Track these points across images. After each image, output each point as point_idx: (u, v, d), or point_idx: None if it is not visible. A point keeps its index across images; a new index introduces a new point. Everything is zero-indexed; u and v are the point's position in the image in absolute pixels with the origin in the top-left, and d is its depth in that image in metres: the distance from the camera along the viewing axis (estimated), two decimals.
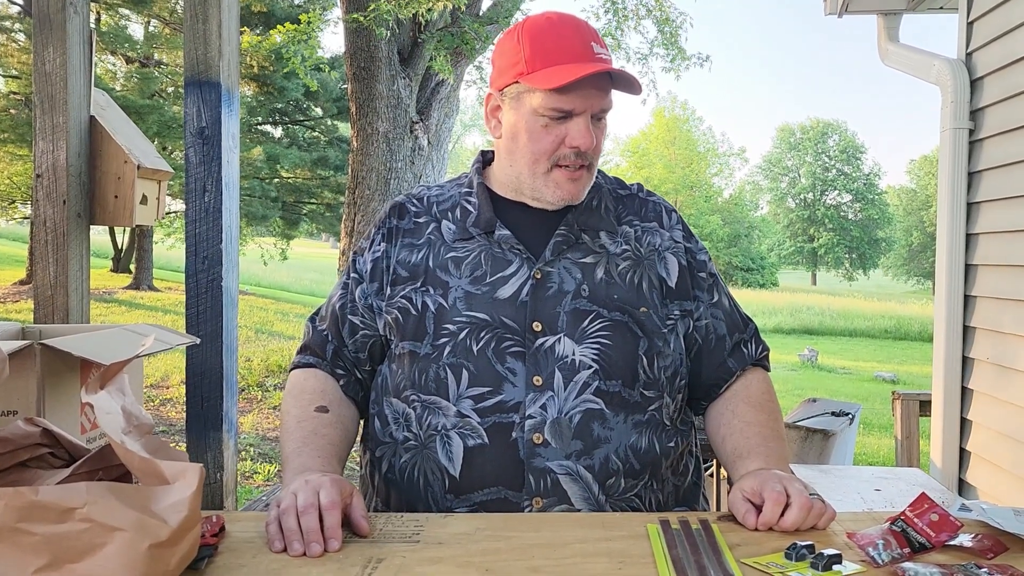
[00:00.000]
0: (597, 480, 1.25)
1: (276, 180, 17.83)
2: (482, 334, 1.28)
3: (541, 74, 1.28)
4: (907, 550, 1.01)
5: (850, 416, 4.57)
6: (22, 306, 12.04)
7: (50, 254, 2.27)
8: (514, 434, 1.24)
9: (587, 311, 1.30)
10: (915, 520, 1.04)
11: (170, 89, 16.33)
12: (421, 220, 1.42)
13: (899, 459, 3.92)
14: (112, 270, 19.87)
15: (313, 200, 18.64)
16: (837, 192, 54.77)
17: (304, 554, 1.00)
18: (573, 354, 1.28)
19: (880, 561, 0.98)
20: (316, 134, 18.55)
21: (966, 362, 3.19)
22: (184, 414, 2.47)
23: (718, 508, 3.41)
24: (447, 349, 1.29)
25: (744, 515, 1.12)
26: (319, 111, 17.93)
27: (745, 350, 1.44)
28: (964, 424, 3.18)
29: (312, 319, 1.48)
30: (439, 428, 1.27)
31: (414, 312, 1.33)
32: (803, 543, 1.00)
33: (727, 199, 51.07)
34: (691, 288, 1.40)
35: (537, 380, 1.26)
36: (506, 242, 1.35)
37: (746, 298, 28.11)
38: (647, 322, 1.33)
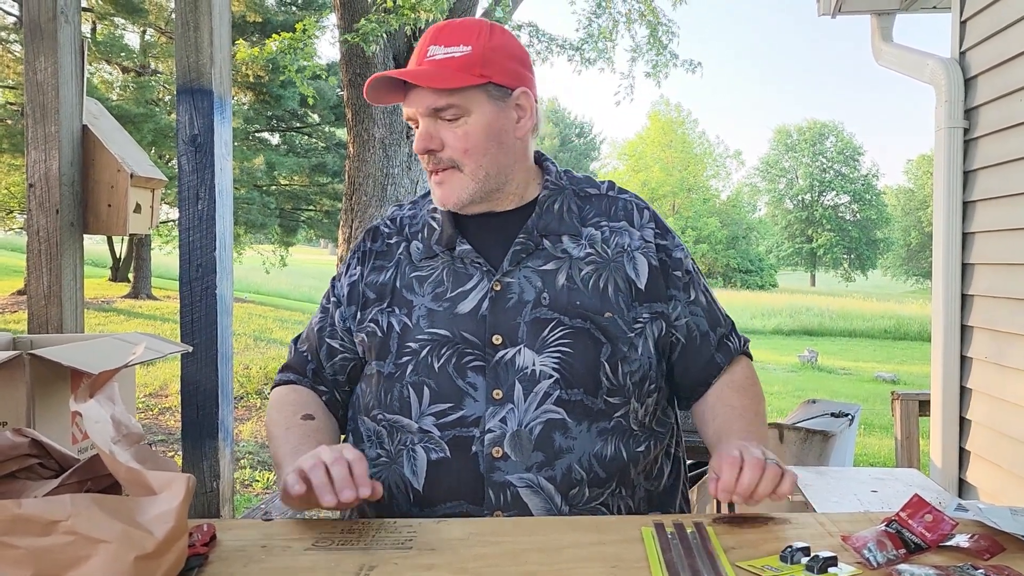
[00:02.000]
0: (559, 491, 1.24)
1: (274, 187, 17.85)
2: (443, 351, 1.28)
3: None
4: (903, 551, 1.00)
5: (850, 417, 4.56)
6: (20, 316, 12.02)
7: (43, 264, 2.26)
8: (474, 448, 1.24)
9: (547, 319, 1.29)
10: (909, 521, 1.03)
11: (166, 97, 16.35)
12: (392, 241, 1.42)
13: (899, 459, 3.91)
14: (111, 279, 19.86)
15: (311, 207, 18.66)
16: (835, 193, 54.86)
17: (337, 505, 1.06)
18: (533, 364, 1.26)
19: (875, 563, 0.98)
20: (313, 141, 18.58)
21: (964, 361, 3.18)
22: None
23: (717, 510, 3.40)
24: (409, 368, 1.29)
25: (710, 488, 1.14)
26: (316, 118, 17.95)
27: (730, 343, 1.44)
28: (963, 424, 3.18)
29: (295, 341, 1.49)
30: (406, 443, 1.28)
31: (380, 333, 1.33)
32: (799, 545, 0.99)
33: (725, 201, 51.16)
34: (665, 288, 1.37)
35: (497, 394, 1.25)
36: (467, 256, 1.34)
37: (745, 300, 28.12)
38: (611, 327, 1.30)
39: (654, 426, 1.36)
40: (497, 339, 1.28)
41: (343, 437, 1.45)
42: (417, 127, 1.33)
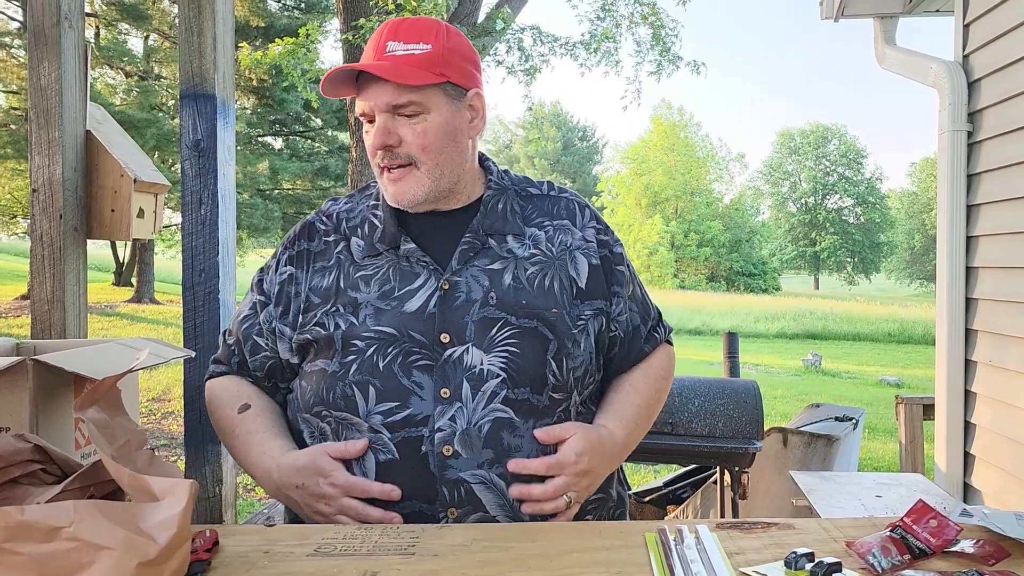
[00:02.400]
0: (511, 487, 1.25)
1: (277, 192, 17.89)
2: (389, 349, 1.27)
3: None
4: (907, 557, 1.00)
5: (854, 421, 4.55)
6: (23, 321, 12.05)
7: (47, 269, 2.26)
8: (424, 448, 1.24)
9: (495, 319, 1.29)
10: (913, 527, 1.02)
11: (170, 102, 16.42)
12: (330, 239, 1.40)
13: (903, 464, 3.90)
14: (114, 283, 19.93)
15: (313, 211, 18.67)
16: (838, 196, 54.89)
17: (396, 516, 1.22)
18: (481, 363, 1.27)
19: (880, 569, 0.97)
20: (316, 145, 18.62)
21: (968, 365, 3.17)
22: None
23: (722, 515, 3.39)
24: (353, 367, 1.28)
25: (539, 435, 1.27)
26: (319, 122, 17.99)
27: (657, 334, 1.50)
28: (968, 427, 3.17)
29: (223, 333, 1.49)
30: None
31: (324, 332, 1.31)
32: (802, 551, 0.99)
33: (728, 204, 51.15)
34: (608, 285, 1.40)
35: (444, 392, 1.25)
36: (412, 255, 1.33)
37: (748, 303, 28.10)
38: (558, 323, 1.32)
39: (586, 415, 1.39)
40: (445, 337, 1.28)
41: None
42: (371, 122, 1.32)
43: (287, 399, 1.42)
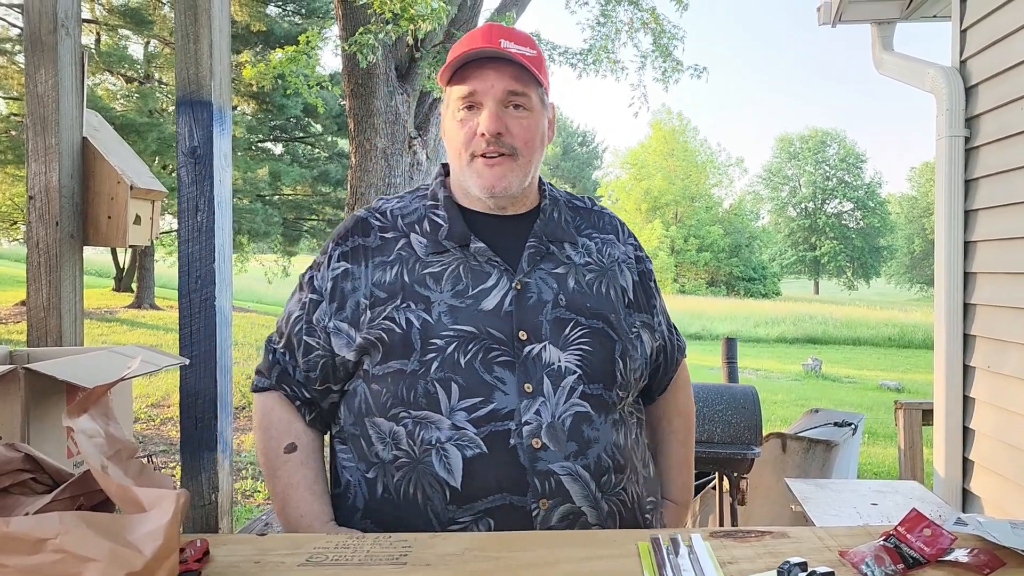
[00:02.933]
0: (594, 478, 1.29)
1: (277, 197, 17.90)
2: (470, 346, 1.30)
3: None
4: (901, 566, 0.99)
5: (853, 426, 4.54)
6: (23, 327, 12.04)
7: (43, 276, 2.26)
8: (512, 440, 1.26)
9: (567, 319, 1.34)
10: (907, 536, 1.02)
11: (170, 108, 16.44)
12: (388, 235, 1.41)
13: (902, 469, 3.89)
14: (114, 289, 19.92)
15: (314, 216, 18.72)
16: (838, 201, 54.92)
17: None
18: (559, 360, 1.31)
19: None
20: (316, 151, 18.64)
21: (967, 371, 3.16)
22: None
23: (720, 522, 3.38)
24: (435, 364, 1.29)
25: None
26: (319, 128, 18.00)
27: (678, 342, 1.59)
28: (966, 433, 3.16)
29: (270, 339, 1.48)
30: (433, 442, 1.28)
31: (399, 330, 1.32)
32: (795, 560, 0.98)
33: (727, 209, 51.15)
34: (648, 298, 1.49)
35: (528, 387, 1.29)
36: (482, 255, 1.36)
37: (748, 308, 28.07)
38: (619, 326, 1.39)
39: (638, 415, 1.47)
40: (523, 335, 1.31)
41: (331, 433, 1.45)
42: (468, 108, 1.36)
43: (343, 403, 1.41)
